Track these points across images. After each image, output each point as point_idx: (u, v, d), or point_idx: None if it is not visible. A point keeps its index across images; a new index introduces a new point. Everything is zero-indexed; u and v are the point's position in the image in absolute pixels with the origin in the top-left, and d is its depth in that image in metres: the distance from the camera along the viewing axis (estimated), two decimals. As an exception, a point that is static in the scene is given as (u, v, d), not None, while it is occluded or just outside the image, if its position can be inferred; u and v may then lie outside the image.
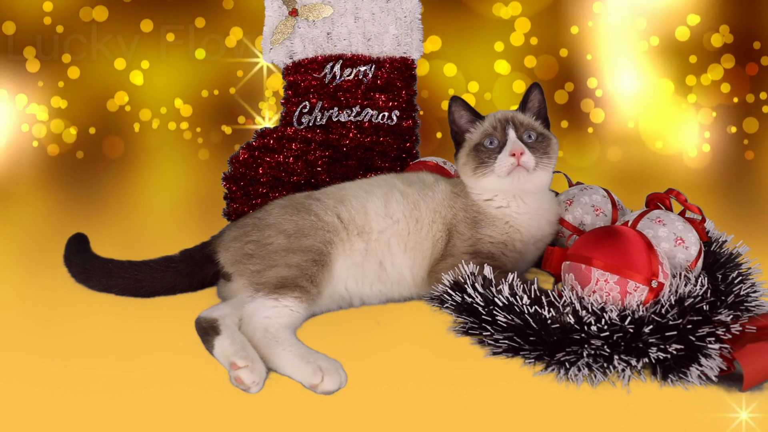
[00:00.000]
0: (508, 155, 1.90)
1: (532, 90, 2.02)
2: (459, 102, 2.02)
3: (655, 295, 1.67)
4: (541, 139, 1.96)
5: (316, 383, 1.51)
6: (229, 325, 1.68)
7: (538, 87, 2.02)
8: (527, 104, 2.02)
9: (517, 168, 1.90)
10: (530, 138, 1.95)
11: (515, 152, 1.90)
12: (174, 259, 1.98)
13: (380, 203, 1.98)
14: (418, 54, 2.57)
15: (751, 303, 1.71)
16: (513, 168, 1.90)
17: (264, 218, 1.94)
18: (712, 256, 1.95)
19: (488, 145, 1.95)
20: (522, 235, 1.98)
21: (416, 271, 1.96)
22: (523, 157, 1.90)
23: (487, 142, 1.96)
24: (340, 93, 2.57)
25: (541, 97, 2.03)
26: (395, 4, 2.54)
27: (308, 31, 2.55)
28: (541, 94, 2.03)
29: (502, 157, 1.91)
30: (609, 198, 2.13)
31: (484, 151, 1.95)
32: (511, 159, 1.90)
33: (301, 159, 2.57)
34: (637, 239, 1.70)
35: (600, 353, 1.55)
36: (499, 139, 1.95)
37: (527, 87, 2.04)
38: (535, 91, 2.02)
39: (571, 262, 1.75)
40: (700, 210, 2.03)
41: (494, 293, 1.73)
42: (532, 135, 1.95)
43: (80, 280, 2.01)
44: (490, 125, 1.99)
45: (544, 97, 2.03)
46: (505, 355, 1.64)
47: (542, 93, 2.03)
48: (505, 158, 1.91)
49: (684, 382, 1.52)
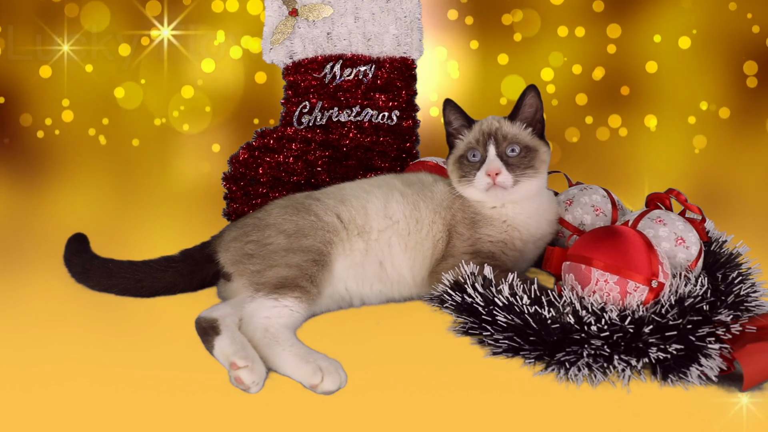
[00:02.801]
0: (485, 174, 1.90)
1: (527, 93, 1.95)
2: (451, 105, 2.02)
3: (655, 295, 1.66)
4: (524, 153, 1.92)
5: (316, 383, 1.51)
6: (229, 325, 1.69)
7: (535, 89, 1.95)
8: (520, 109, 1.97)
9: (493, 186, 1.90)
10: (513, 152, 1.92)
11: (490, 173, 1.89)
12: (174, 259, 1.98)
13: (380, 203, 1.98)
14: (418, 54, 2.57)
15: (751, 303, 1.71)
16: (489, 186, 1.90)
17: (264, 218, 1.94)
18: (712, 256, 1.95)
19: (471, 158, 1.95)
20: (521, 234, 1.98)
21: (416, 271, 1.96)
22: (499, 178, 1.89)
23: (470, 155, 1.96)
24: (340, 93, 2.57)
25: (537, 100, 1.96)
26: (395, 4, 2.54)
27: (308, 31, 2.55)
28: (538, 98, 1.96)
29: (479, 175, 1.92)
30: (609, 198, 2.13)
31: (466, 165, 1.95)
32: (487, 178, 1.90)
33: (301, 159, 2.57)
34: (638, 239, 1.70)
35: (600, 353, 1.55)
36: (480, 153, 1.94)
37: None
38: (530, 95, 1.95)
39: (571, 262, 1.75)
40: (700, 210, 2.03)
41: (494, 293, 1.73)
42: (516, 149, 1.92)
43: (80, 280, 2.01)
44: (474, 137, 1.98)
45: (541, 100, 1.97)
46: (505, 355, 1.64)
47: (539, 96, 1.96)
48: (482, 176, 1.91)
49: (684, 382, 1.52)
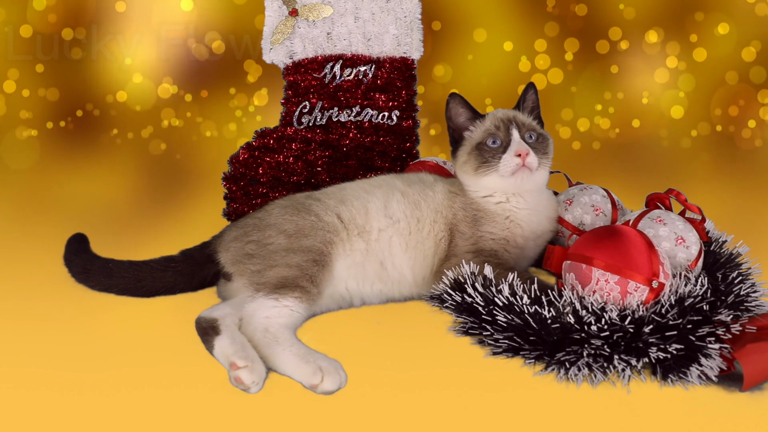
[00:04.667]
0: (514, 155, 1.93)
1: (528, 90, 2.06)
2: (457, 99, 2.03)
3: (655, 295, 1.66)
4: (541, 139, 2.00)
5: (316, 383, 1.51)
6: (229, 325, 1.68)
7: (534, 87, 2.07)
8: (524, 104, 2.07)
9: (521, 168, 1.92)
10: (531, 138, 1.98)
11: (521, 153, 1.92)
12: (174, 259, 1.98)
13: (380, 203, 1.98)
14: (418, 54, 2.57)
15: (751, 303, 1.71)
16: (518, 168, 1.92)
17: (264, 218, 1.94)
18: (712, 256, 1.95)
19: (491, 145, 1.97)
20: (523, 230, 1.99)
21: (417, 270, 1.96)
22: (528, 158, 1.92)
23: (490, 141, 1.97)
24: (340, 93, 2.56)
25: (536, 97, 2.07)
26: (395, 4, 2.54)
27: (308, 31, 2.55)
28: (536, 94, 2.07)
29: (507, 157, 1.93)
30: (609, 198, 2.13)
31: (487, 151, 1.96)
32: (517, 159, 1.92)
33: (301, 159, 2.57)
34: (638, 239, 1.70)
35: (600, 353, 1.55)
36: (502, 138, 1.97)
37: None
38: (530, 91, 2.06)
39: (571, 261, 1.75)
40: (700, 210, 2.04)
41: (494, 293, 1.73)
42: (533, 135, 1.99)
43: (80, 280, 2.01)
44: (492, 124, 2.01)
45: (538, 97, 2.08)
46: (505, 355, 1.64)
47: (537, 93, 2.07)
48: (511, 158, 1.93)
49: (684, 382, 1.53)
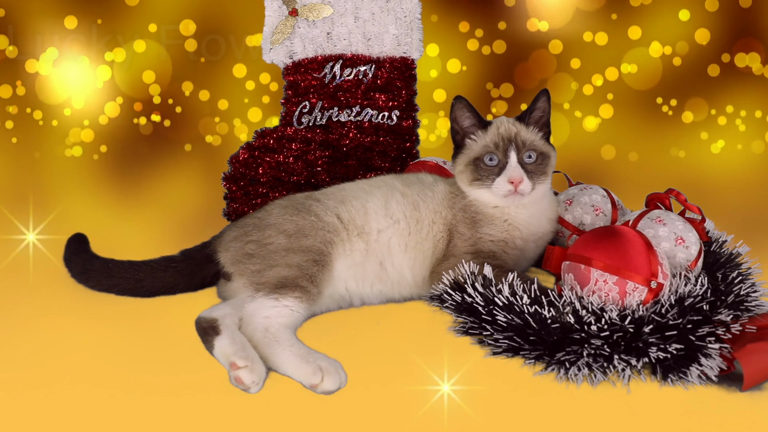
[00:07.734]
0: (507, 181, 1.89)
1: (540, 97, 1.97)
2: (463, 102, 1.97)
3: (654, 295, 1.67)
4: (540, 159, 1.93)
5: (316, 383, 1.51)
6: (229, 325, 1.69)
7: (547, 94, 1.97)
8: (533, 112, 1.97)
9: (513, 193, 1.89)
10: (530, 158, 1.92)
11: (514, 180, 1.88)
12: (174, 259, 1.98)
13: (380, 203, 1.98)
14: (418, 54, 2.57)
15: (751, 303, 1.71)
16: (510, 193, 1.90)
17: (264, 218, 1.94)
18: (712, 256, 1.95)
19: (488, 162, 1.93)
20: (522, 233, 1.98)
21: (417, 270, 1.96)
22: (521, 186, 1.88)
23: (487, 158, 1.93)
24: (340, 93, 2.56)
25: (548, 105, 1.98)
26: (395, 4, 2.54)
27: (308, 31, 2.55)
28: (548, 102, 1.98)
29: (500, 181, 1.90)
30: (609, 198, 2.13)
31: (483, 168, 1.93)
32: (509, 186, 1.89)
33: (301, 159, 2.57)
34: (637, 239, 1.70)
35: (600, 353, 1.55)
36: (499, 158, 1.92)
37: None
38: (542, 98, 1.97)
39: (570, 262, 1.75)
40: (699, 210, 2.03)
41: (494, 293, 1.73)
42: (533, 155, 1.92)
43: (80, 280, 2.01)
44: (492, 141, 1.94)
45: (550, 104, 1.99)
46: (505, 355, 1.64)
47: (549, 100, 1.98)
48: (504, 183, 1.89)
49: (684, 382, 1.53)
